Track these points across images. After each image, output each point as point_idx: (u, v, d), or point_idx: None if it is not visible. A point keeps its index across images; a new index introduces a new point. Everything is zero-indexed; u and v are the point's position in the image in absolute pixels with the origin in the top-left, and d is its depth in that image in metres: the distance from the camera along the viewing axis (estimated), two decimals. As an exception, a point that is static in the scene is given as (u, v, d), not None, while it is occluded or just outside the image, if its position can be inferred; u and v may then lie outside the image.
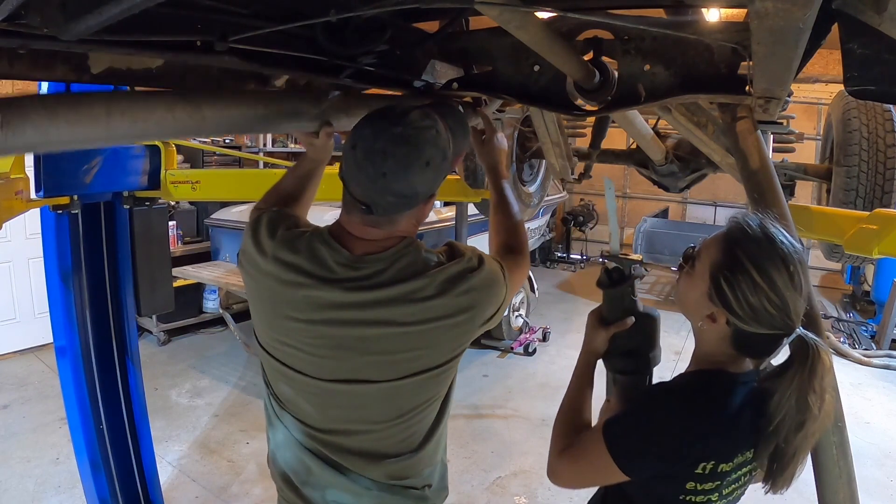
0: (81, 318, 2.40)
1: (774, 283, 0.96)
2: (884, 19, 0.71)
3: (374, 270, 1.08)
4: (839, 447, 0.96)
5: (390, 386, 1.13)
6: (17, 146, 0.79)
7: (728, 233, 1.04)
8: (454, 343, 1.16)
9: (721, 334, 1.04)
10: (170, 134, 1.06)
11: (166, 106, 1.00)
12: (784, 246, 0.99)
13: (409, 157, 1.03)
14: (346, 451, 1.19)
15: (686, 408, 1.03)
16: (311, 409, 1.18)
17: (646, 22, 1.14)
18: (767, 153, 1.21)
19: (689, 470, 1.00)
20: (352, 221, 1.12)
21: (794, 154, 2.60)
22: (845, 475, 0.95)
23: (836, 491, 0.96)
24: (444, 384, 1.22)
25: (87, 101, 0.88)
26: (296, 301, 1.10)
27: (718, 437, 1.01)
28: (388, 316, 1.07)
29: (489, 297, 1.16)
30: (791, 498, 3.47)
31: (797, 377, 0.96)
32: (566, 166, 2.56)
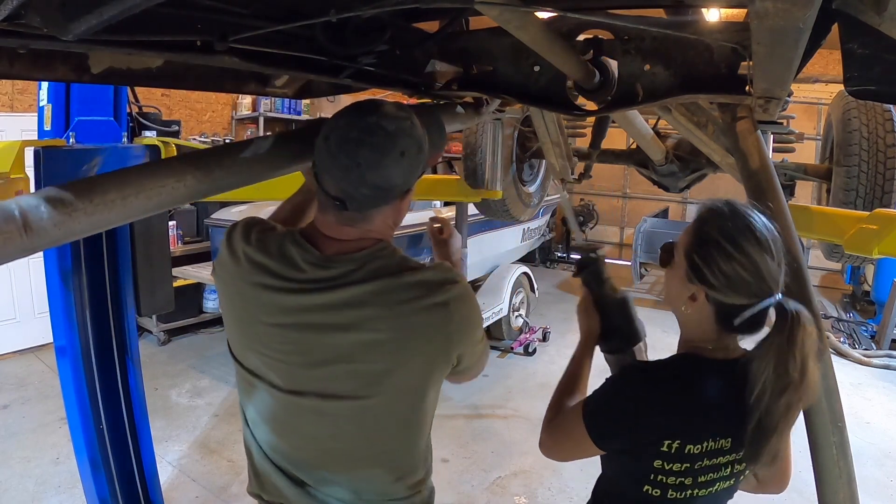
0: (81, 318, 2.39)
1: (744, 249, 1.00)
2: (884, 19, 0.71)
3: (344, 270, 1.03)
4: (839, 447, 0.96)
5: (359, 405, 1.06)
6: (41, 245, 0.82)
7: (697, 218, 1.09)
8: (429, 367, 1.08)
9: (704, 314, 1.06)
10: (185, 200, 1.07)
11: (177, 176, 1.01)
12: (751, 217, 1.03)
13: (383, 147, 0.98)
14: (312, 465, 1.13)
15: (654, 385, 1.07)
16: (281, 424, 1.12)
17: (646, 22, 1.14)
18: (767, 153, 1.21)
19: (654, 447, 1.03)
20: (326, 220, 1.07)
21: (794, 154, 2.60)
22: (845, 475, 0.95)
23: (836, 491, 0.96)
24: (419, 413, 1.12)
25: (100, 189, 0.90)
26: (265, 304, 1.05)
27: (683, 415, 1.04)
28: (359, 318, 1.01)
29: (466, 316, 1.09)
30: (791, 498, 3.47)
31: (775, 342, 0.98)
32: (566, 166, 2.57)
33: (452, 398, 4.47)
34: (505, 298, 5.30)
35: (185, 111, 6.65)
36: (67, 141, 2.27)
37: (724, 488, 1.10)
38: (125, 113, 2.60)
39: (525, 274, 5.78)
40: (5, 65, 1.07)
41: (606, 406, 1.10)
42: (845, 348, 5.54)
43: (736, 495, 1.19)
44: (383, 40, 1.21)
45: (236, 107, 7.19)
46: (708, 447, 1.04)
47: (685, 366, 1.09)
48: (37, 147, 2.11)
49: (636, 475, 1.08)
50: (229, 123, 7.24)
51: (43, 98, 2.43)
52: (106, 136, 2.42)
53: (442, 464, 3.58)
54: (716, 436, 1.04)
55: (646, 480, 1.07)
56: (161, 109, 4.87)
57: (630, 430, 1.07)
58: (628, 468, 1.11)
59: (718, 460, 1.05)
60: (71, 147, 2.25)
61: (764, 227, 1.03)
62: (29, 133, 4.28)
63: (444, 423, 4.07)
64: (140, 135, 3.41)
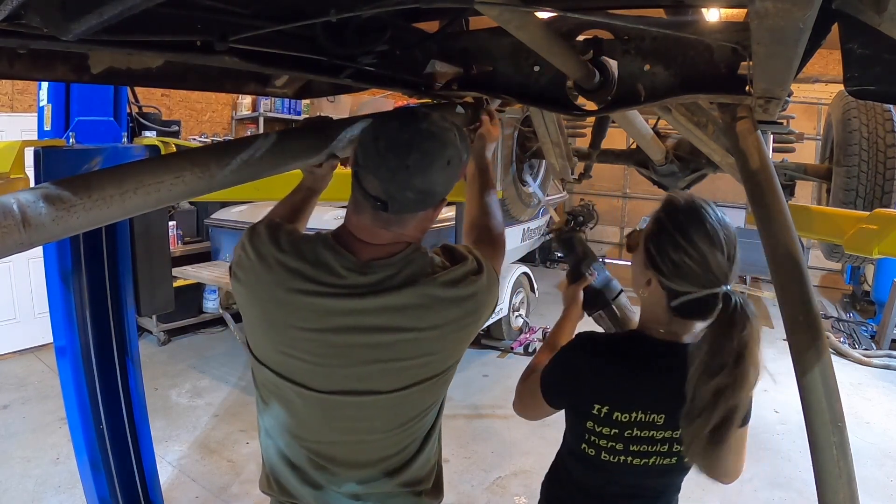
0: (81, 318, 2.39)
1: (693, 241, 1.08)
2: (884, 19, 0.71)
3: (384, 276, 1.06)
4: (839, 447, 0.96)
5: (397, 396, 1.12)
6: (39, 241, 0.81)
7: (659, 208, 1.18)
8: (459, 347, 1.17)
9: (657, 298, 1.15)
10: (183, 197, 1.07)
11: (175, 173, 1.00)
12: (706, 212, 1.11)
13: (433, 153, 1.02)
14: (341, 462, 1.18)
15: (593, 352, 1.20)
16: (312, 424, 1.15)
17: (646, 22, 1.14)
18: (767, 153, 1.20)
19: (586, 408, 1.16)
20: (360, 223, 1.08)
21: (794, 154, 2.60)
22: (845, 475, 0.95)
23: (836, 491, 0.95)
24: (444, 389, 1.23)
25: (98, 185, 0.90)
26: (301, 309, 1.06)
27: (613, 383, 1.15)
28: (402, 321, 1.06)
29: (490, 300, 1.17)
30: (791, 498, 3.47)
31: (715, 326, 1.06)
32: (566, 166, 2.57)
33: (452, 398, 4.47)
34: (505, 298, 5.30)
35: (185, 111, 6.65)
36: (67, 141, 2.27)
37: (663, 464, 1.18)
38: (125, 113, 2.60)
39: (525, 274, 5.78)
40: (5, 65, 1.07)
41: (556, 368, 1.23)
42: (845, 348, 5.54)
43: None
44: (383, 40, 1.21)
45: (236, 107, 7.19)
46: (637, 418, 1.13)
47: (629, 342, 1.21)
48: (37, 147, 2.11)
49: (576, 432, 1.21)
50: (229, 123, 7.24)
51: (43, 98, 2.43)
52: (106, 136, 2.42)
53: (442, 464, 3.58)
54: (646, 409, 1.13)
55: (582, 439, 1.19)
56: (161, 109, 4.87)
57: (570, 391, 1.21)
58: (571, 425, 1.24)
59: (652, 434, 1.14)
60: (71, 147, 2.25)
61: (717, 223, 1.11)
62: (29, 133, 4.28)
63: (445, 423, 4.03)
64: (140, 135, 3.41)
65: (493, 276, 1.18)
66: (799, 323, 0.96)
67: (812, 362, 0.93)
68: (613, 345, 1.23)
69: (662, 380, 1.12)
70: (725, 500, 3.27)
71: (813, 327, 0.96)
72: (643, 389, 1.14)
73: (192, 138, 6.17)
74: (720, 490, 3.35)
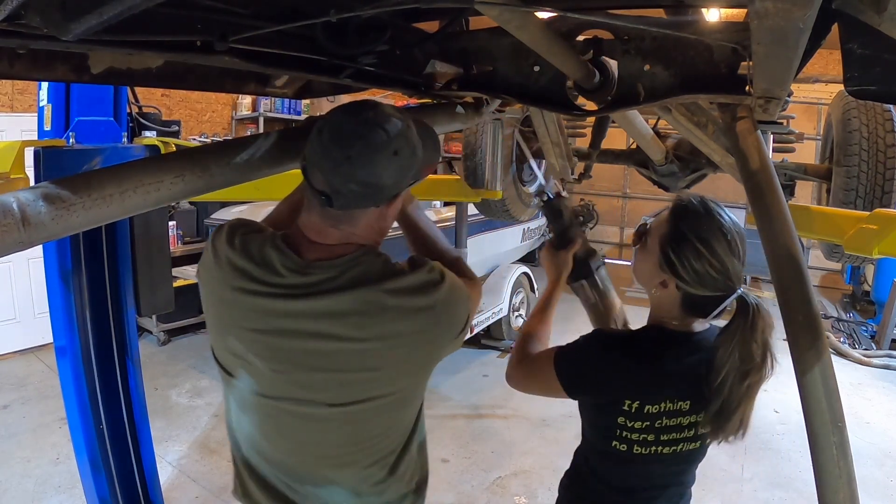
0: (81, 318, 2.39)
1: (715, 250, 1.12)
2: (884, 19, 0.71)
3: (324, 277, 1.00)
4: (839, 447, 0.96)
5: (343, 411, 1.04)
6: (39, 239, 0.81)
7: (673, 210, 1.20)
8: (413, 368, 1.07)
9: (672, 298, 1.19)
10: (184, 196, 1.07)
11: (175, 172, 1.00)
12: (722, 218, 1.15)
13: (377, 143, 0.96)
14: (304, 479, 1.11)
15: (619, 349, 1.21)
16: (267, 432, 1.10)
17: (646, 22, 1.14)
18: (767, 153, 1.20)
19: (616, 405, 1.17)
20: (310, 221, 1.04)
21: (794, 154, 2.60)
22: (845, 475, 0.95)
23: (836, 491, 0.95)
24: (405, 412, 1.13)
25: (98, 184, 0.90)
26: (244, 308, 1.02)
27: (641, 377, 1.17)
28: (340, 329, 0.99)
29: (452, 321, 1.08)
30: (791, 498, 3.46)
31: (739, 331, 1.11)
32: (566, 166, 2.57)
33: (452, 398, 4.47)
34: (505, 298, 5.30)
35: (185, 111, 6.66)
36: (67, 141, 2.27)
37: (689, 449, 1.21)
38: (125, 113, 2.60)
39: (525, 274, 5.78)
40: (5, 65, 1.07)
41: (577, 363, 1.24)
42: (845, 348, 5.54)
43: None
44: (383, 40, 1.21)
45: (236, 107, 7.19)
46: (666, 408, 1.16)
47: (649, 337, 1.23)
48: (37, 147, 2.11)
49: (604, 432, 1.21)
50: (229, 123, 7.24)
51: (43, 98, 2.43)
52: (106, 136, 2.42)
53: (442, 464, 3.58)
54: (673, 398, 1.16)
55: (612, 436, 1.19)
56: (161, 109, 4.87)
57: (596, 387, 1.22)
58: (597, 423, 1.24)
59: (679, 421, 1.17)
60: (71, 147, 2.25)
61: (733, 229, 1.14)
62: (29, 133, 4.28)
63: (444, 423, 4.07)
64: (140, 135, 3.40)
65: (459, 295, 1.08)
66: (799, 323, 0.96)
67: (812, 362, 0.93)
68: (634, 340, 1.24)
69: (684, 367, 1.16)
70: (725, 500, 3.27)
71: (813, 327, 0.96)
72: (668, 379, 1.17)
73: (192, 138, 6.17)
74: (720, 490, 3.36)
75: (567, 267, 1.45)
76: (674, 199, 1.23)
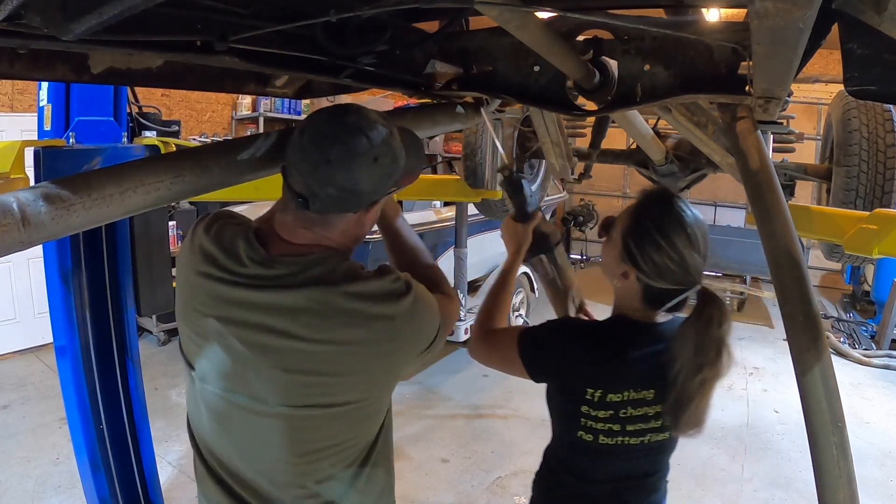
0: (81, 318, 2.39)
1: (674, 244, 1.14)
2: (884, 19, 0.71)
3: (284, 272, 0.98)
4: (839, 447, 0.96)
5: (289, 415, 0.99)
6: (39, 239, 0.81)
7: (636, 203, 1.23)
8: (370, 379, 1.03)
9: (633, 290, 1.21)
10: (184, 196, 1.07)
11: (175, 172, 1.00)
12: (684, 213, 1.16)
13: (357, 147, 0.94)
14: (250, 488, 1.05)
15: (583, 338, 1.24)
16: (215, 430, 1.07)
17: (646, 22, 1.14)
18: (767, 153, 1.20)
19: (579, 393, 1.19)
20: (284, 220, 1.03)
21: (794, 154, 2.60)
22: (845, 475, 0.95)
23: (836, 491, 0.95)
24: (360, 427, 1.06)
25: (98, 184, 0.90)
26: (204, 293, 1.02)
27: (603, 366, 1.19)
28: (291, 326, 0.96)
29: (417, 329, 1.05)
30: (791, 498, 3.46)
31: (695, 325, 1.12)
32: (566, 166, 2.56)
33: (452, 398, 4.47)
34: (505, 298, 5.29)
35: (185, 111, 6.65)
36: (67, 141, 2.27)
37: (658, 440, 1.23)
38: (125, 113, 2.60)
39: (525, 274, 5.77)
40: (5, 65, 1.07)
41: (541, 347, 1.25)
42: (845, 348, 5.54)
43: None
44: (383, 40, 1.21)
45: (236, 107, 7.19)
46: (629, 396, 1.18)
47: (613, 327, 1.25)
48: (37, 147, 2.11)
49: (570, 421, 1.23)
50: (229, 123, 7.24)
51: (43, 98, 2.43)
52: (106, 136, 2.42)
53: (442, 464, 3.58)
54: (636, 387, 1.18)
55: (578, 426, 1.21)
56: (161, 109, 4.86)
57: (558, 372, 1.25)
58: (563, 413, 1.26)
59: (645, 411, 1.19)
60: (71, 147, 2.25)
61: (694, 224, 1.16)
62: (29, 133, 4.28)
63: (444, 423, 4.07)
64: (140, 135, 3.40)
65: (425, 309, 1.05)
66: (799, 323, 0.96)
67: (812, 362, 0.93)
68: (597, 329, 1.27)
69: (647, 357, 1.18)
70: (725, 500, 3.27)
71: (813, 327, 0.96)
72: (630, 368, 1.19)
73: (192, 138, 6.17)
74: (720, 490, 3.36)
75: (526, 240, 1.46)
76: (639, 193, 1.26)
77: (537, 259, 1.53)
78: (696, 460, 3.60)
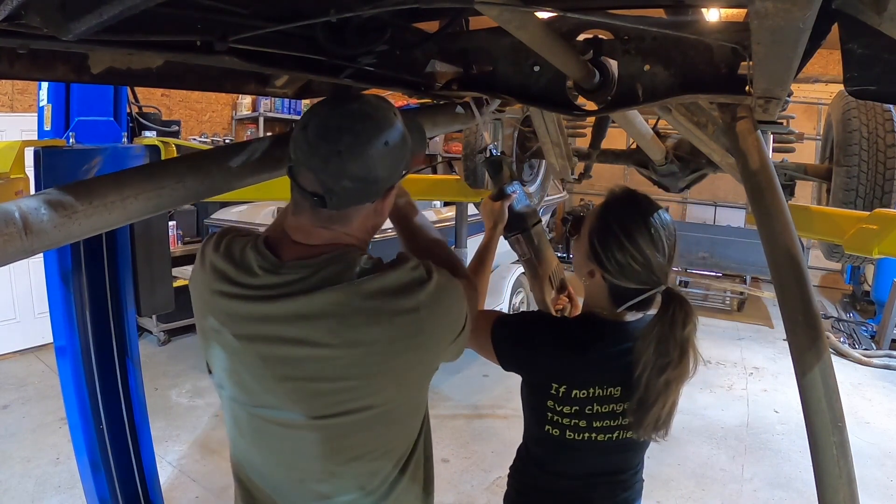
0: (81, 318, 2.39)
1: (638, 244, 1.15)
2: (884, 19, 0.71)
3: (296, 277, 0.93)
4: (839, 447, 0.96)
5: (322, 425, 0.95)
6: (41, 247, 0.82)
7: (603, 203, 1.25)
8: (398, 377, 0.97)
9: (600, 288, 1.22)
10: (184, 202, 1.07)
11: (176, 178, 1.00)
12: (649, 213, 1.18)
13: (367, 134, 0.91)
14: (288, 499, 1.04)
15: (551, 333, 1.25)
16: (248, 449, 1.05)
17: (646, 22, 1.14)
18: (767, 153, 1.20)
19: (545, 387, 1.21)
20: (298, 223, 0.98)
21: (794, 154, 2.60)
22: (845, 475, 0.95)
23: (836, 491, 0.95)
24: (399, 432, 1.02)
25: (99, 191, 0.90)
26: (221, 312, 0.97)
27: (569, 362, 1.20)
28: (310, 334, 0.91)
29: (445, 316, 0.99)
30: (791, 498, 3.46)
31: (658, 325, 1.13)
32: (566, 166, 2.56)
33: (452, 398, 4.47)
34: (505, 298, 5.30)
35: (185, 111, 6.66)
36: (67, 141, 2.27)
37: (626, 437, 1.23)
38: (125, 113, 2.60)
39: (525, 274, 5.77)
40: (5, 65, 1.07)
41: (513, 337, 1.28)
42: (845, 348, 5.54)
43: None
44: (383, 40, 1.21)
45: (236, 107, 7.19)
46: (595, 393, 1.19)
47: (581, 324, 1.27)
48: (37, 147, 2.11)
49: (538, 415, 1.25)
50: (229, 123, 7.24)
51: (43, 98, 2.43)
52: (106, 136, 2.42)
53: (442, 464, 3.58)
54: (602, 384, 1.19)
55: (545, 420, 1.23)
56: (161, 109, 4.87)
57: (526, 364, 1.27)
58: (531, 406, 1.28)
59: (612, 408, 1.20)
60: (71, 147, 2.25)
61: (659, 224, 1.17)
62: (29, 133, 4.28)
63: (444, 423, 4.07)
64: (140, 135, 3.41)
65: (450, 294, 1.00)
66: (799, 323, 0.96)
67: (812, 362, 0.93)
68: (565, 325, 1.30)
69: (614, 356, 1.19)
70: (725, 499, 3.27)
71: (813, 327, 0.96)
72: (597, 366, 1.20)
73: (192, 138, 6.18)
74: (720, 490, 3.36)
75: (502, 217, 1.49)
76: (607, 192, 1.28)
77: (514, 238, 1.57)
78: (696, 460, 3.60)
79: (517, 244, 1.58)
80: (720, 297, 7.22)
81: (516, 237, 1.57)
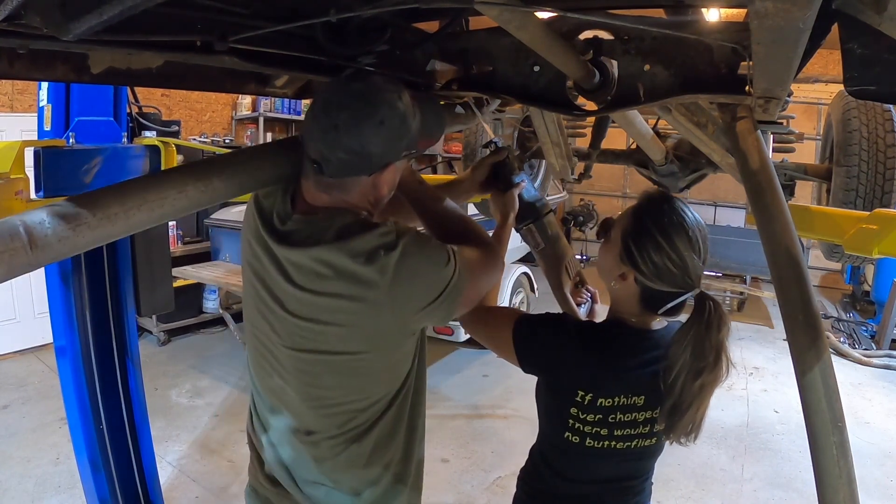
0: (81, 318, 2.39)
1: (675, 245, 1.13)
2: (884, 19, 0.71)
3: (294, 229, 1.08)
4: (839, 447, 0.96)
5: (295, 356, 1.12)
6: (46, 260, 0.83)
7: (637, 205, 1.22)
8: (366, 333, 1.09)
9: (630, 291, 1.19)
10: (187, 211, 1.08)
11: (178, 188, 1.01)
12: (685, 215, 1.16)
13: (363, 112, 1.00)
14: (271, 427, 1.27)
15: (579, 339, 1.21)
16: (258, 361, 1.23)
17: (646, 22, 1.14)
18: (767, 153, 1.20)
19: (569, 394, 1.18)
20: (307, 184, 1.11)
21: (794, 154, 2.60)
22: (845, 475, 0.95)
23: (836, 491, 0.95)
24: (371, 383, 1.15)
25: (102, 203, 0.90)
26: (248, 241, 1.16)
27: (596, 370, 1.18)
28: (296, 278, 1.07)
29: (407, 286, 1.06)
30: (791, 498, 3.46)
31: (694, 328, 1.11)
32: (566, 166, 2.56)
33: (452, 398, 4.47)
34: (505, 298, 5.30)
35: (185, 111, 6.65)
36: (67, 141, 2.27)
37: (644, 445, 1.22)
38: (125, 113, 2.60)
39: (525, 274, 5.78)
40: (5, 65, 1.07)
41: (536, 339, 1.24)
42: (845, 348, 5.54)
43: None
44: (383, 40, 1.21)
45: (236, 107, 7.19)
46: (620, 402, 1.17)
47: (609, 330, 1.23)
48: (37, 147, 2.11)
49: (558, 423, 1.22)
50: (229, 123, 7.24)
51: (43, 98, 2.43)
52: (106, 136, 2.42)
53: (442, 464, 3.58)
54: (627, 393, 1.17)
55: (566, 428, 1.20)
56: (161, 109, 4.87)
57: (548, 368, 1.24)
58: (551, 413, 1.25)
59: (634, 416, 1.18)
60: (71, 147, 2.24)
61: (696, 226, 1.15)
62: (29, 133, 4.28)
63: (444, 423, 4.07)
64: (140, 135, 3.41)
65: (420, 260, 1.07)
66: (799, 323, 0.96)
67: (812, 362, 0.93)
68: (592, 332, 1.25)
69: (639, 363, 1.18)
70: (725, 499, 3.27)
71: (813, 327, 0.96)
72: (623, 374, 1.18)
73: (192, 138, 6.18)
74: (720, 490, 3.36)
75: (513, 206, 1.46)
76: (640, 194, 1.26)
77: (527, 229, 1.54)
78: (696, 460, 3.60)
79: (530, 235, 1.54)
80: (720, 297, 7.20)
81: (528, 227, 1.53)
